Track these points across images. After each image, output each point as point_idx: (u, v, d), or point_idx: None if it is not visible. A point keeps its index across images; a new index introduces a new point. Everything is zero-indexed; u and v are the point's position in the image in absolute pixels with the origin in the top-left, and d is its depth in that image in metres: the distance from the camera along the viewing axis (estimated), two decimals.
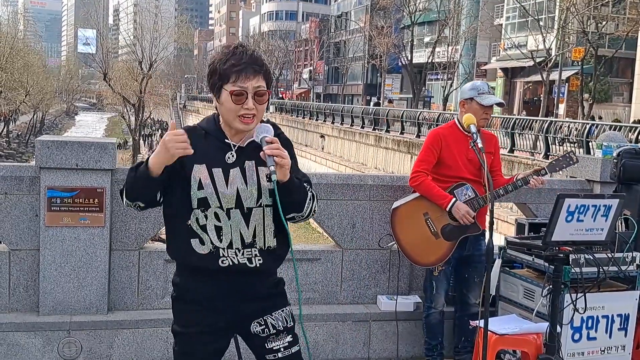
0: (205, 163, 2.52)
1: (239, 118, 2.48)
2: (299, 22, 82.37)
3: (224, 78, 2.46)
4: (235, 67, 2.45)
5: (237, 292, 2.60)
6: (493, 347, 3.88)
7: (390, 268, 4.97)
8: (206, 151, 2.53)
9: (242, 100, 2.45)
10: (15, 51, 50.57)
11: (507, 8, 41.07)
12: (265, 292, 2.66)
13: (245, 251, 2.56)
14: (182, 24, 66.20)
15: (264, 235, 2.58)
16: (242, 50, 2.49)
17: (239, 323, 2.66)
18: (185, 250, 2.58)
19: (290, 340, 2.67)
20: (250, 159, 2.55)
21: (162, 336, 4.50)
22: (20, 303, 4.41)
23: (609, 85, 35.44)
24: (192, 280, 2.61)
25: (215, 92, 2.51)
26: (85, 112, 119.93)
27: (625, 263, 4.19)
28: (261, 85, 2.49)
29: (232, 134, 2.56)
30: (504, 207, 14.53)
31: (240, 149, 2.56)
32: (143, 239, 4.55)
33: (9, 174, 4.31)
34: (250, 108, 2.46)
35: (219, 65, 2.48)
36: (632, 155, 4.76)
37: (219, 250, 2.54)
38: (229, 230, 2.54)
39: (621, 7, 32.59)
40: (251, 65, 2.46)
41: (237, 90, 2.45)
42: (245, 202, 2.54)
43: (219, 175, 2.52)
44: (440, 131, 4.55)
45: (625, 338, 4.34)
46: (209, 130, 2.58)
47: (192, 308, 2.63)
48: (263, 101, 2.50)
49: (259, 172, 2.55)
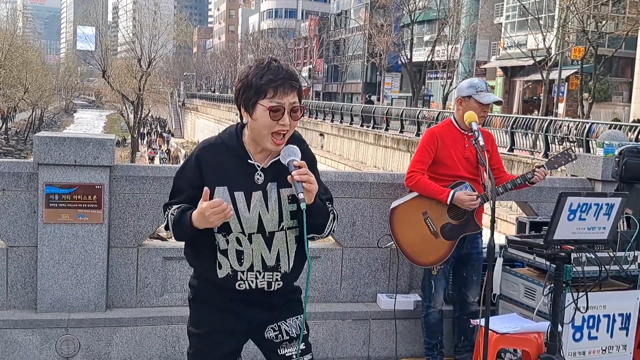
0: (227, 185, 2.46)
1: (272, 136, 2.41)
2: (298, 20, 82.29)
3: (260, 93, 2.37)
4: (273, 82, 2.37)
5: (254, 303, 2.60)
6: (494, 346, 3.87)
7: (391, 266, 4.95)
8: (228, 171, 2.48)
9: (278, 116, 2.37)
10: (14, 48, 50.55)
11: (507, 7, 41.04)
12: (282, 301, 2.65)
13: (266, 274, 2.54)
14: (181, 22, 66.18)
15: (288, 258, 2.56)
16: (277, 65, 2.41)
17: (254, 328, 2.65)
18: (204, 269, 2.57)
19: (303, 348, 2.66)
20: (273, 181, 2.50)
21: (161, 334, 4.47)
22: (18, 300, 4.38)
23: (608, 85, 35.43)
24: (210, 289, 2.60)
25: (249, 107, 2.41)
26: (83, 110, 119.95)
27: (627, 262, 4.17)
28: (296, 101, 2.42)
29: (255, 152, 2.50)
30: (503, 206, 14.52)
31: (263, 170, 2.50)
32: (141, 236, 4.53)
33: (7, 170, 4.28)
34: (286, 124, 2.39)
35: (255, 79, 2.38)
36: (634, 153, 4.74)
37: (237, 273, 2.52)
38: (250, 254, 2.51)
39: (621, 6, 32.55)
40: (288, 80, 2.39)
41: (274, 106, 2.37)
42: (267, 227, 2.50)
43: (240, 199, 2.47)
44: (436, 130, 4.52)
45: (627, 337, 4.32)
46: (231, 147, 2.50)
47: (209, 310, 2.62)
48: (297, 117, 2.43)
49: (280, 195, 2.50)
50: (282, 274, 2.55)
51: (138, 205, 4.48)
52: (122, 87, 50.03)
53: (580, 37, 30.98)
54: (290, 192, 2.48)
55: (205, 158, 2.49)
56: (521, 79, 40.30)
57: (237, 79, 2.50)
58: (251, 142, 2.49)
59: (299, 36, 77.91)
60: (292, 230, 2.54)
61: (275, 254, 2.53)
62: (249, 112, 2.42)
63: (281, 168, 2.44)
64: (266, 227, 2.50)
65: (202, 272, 2.61)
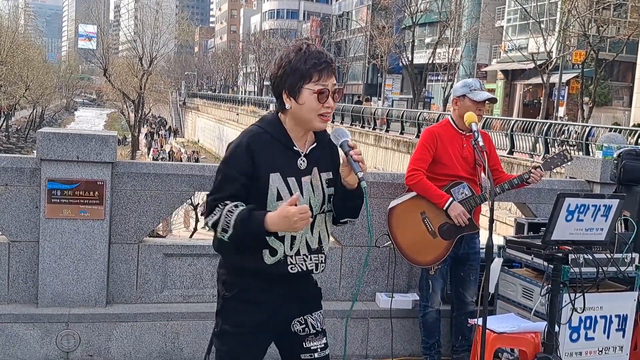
0: (279, 172, 2.50)
1: (319, 117, 2.48)
2: (300, 20, 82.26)
3: (305, 77, 2.44)
4: (318, 66, 2.44)
5: (292, 293, 2.63)
6: (491, 345, 3.88)
7: (390, 266, 4.98)
8: (276, 158, 2.51)
9: (324, 98, 2.45)
10: (16, 45, 50.54)
11: (508, 10, 41.05)
12: (312, 292, 2.73)
13: (312, 257, 2.60)
14: (183, 21, 66.24)
15: (327, 240, 2.65)
16: (316, 49, 2.47)
17: (283, 324, 2.67)
18: (248, 260, 2.55)
19: (325, 342, 2.71)
20: (314, 166, 2.57)
21: (160, 330, 4.50)
22: (19, 294, 4.41)
23: (609, 89, 35.43)
24: (253, 282, 2.58)
25: (295, 92, 2.46)
26: (84, 108, 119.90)
27: (625, 264, 4.19)
28: (336, 84, 2.50)
29: (296, 139, 2.55)
30: (502, 208, 14.53)
31: (306, 156, 2.57)
32: (142, 232, 4.55)
33: (10, 165, 4.31)
34: (331, 106, 2.48)
35: (299, 64, 2.43)
36: (632, 156, 4.76)
37: (287, 258, 2.55)
38: (299, 238, 2.56)
39: (622, 10, 32.59)
40: (330, 64, 2.47)
41: (321, 89, 2.44)
42: (315, 210, 2.56)
43: (293, 184, 2.51)
44: (435, 129, 4.54)
45: (623, 339, 4.34)
46: (274, 135, 2.53)
47: (247, 308, 2.60)
48: (338, 99, 2.53)
49: (321, 179, 2.57)
50: (325, 256, 2.65)
51: (139, 201, 4.51)
52: (123, 86, 50.05)
53: (582, 41, 30.99)
54: (327, 176, 2.57)
55: (255, 146, 2.50)
56: (522, 82, 40.30)
57: (274, 66, 2.52)
58: (292, 128, 2.54)
59: (300, 37, 77.88)
60: (329, 213, 2.63)
61: (317, 236, 2.60)
62: (294, 97, 2.46)
63: (320, 154, 2.55)
64: (314, 210, 2.55)
65: (245, 263, 2.56)
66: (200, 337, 4.54)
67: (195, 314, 4.55)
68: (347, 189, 2.51)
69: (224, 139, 57.55)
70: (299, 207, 2.35)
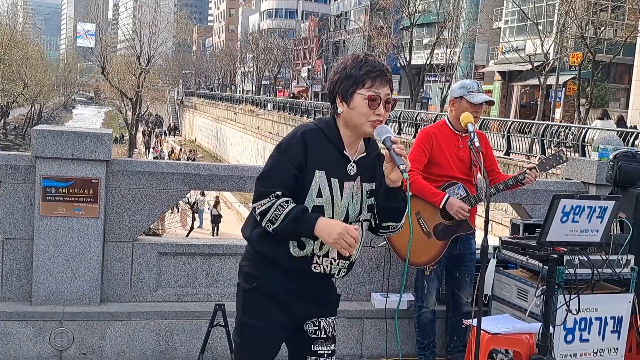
0: (325, 171, 2.54)
1: (369, 122, 2.51)
2: (298, 20, 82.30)
3: (358, 83, 2.50)
4: (371, 73, 2.50)
5: (311, 294, 2.66)
6: (485, 346, 3.88)
7: (385, 266, 4.97)
8: (325, 158, 2.56)
9: (375, 105, 2.50)
10: (14, 43, 50.47)
11: (506, 12, 41.09)
12: (332, 297, 2.75)
13: (340, 262, 2.63)
14: (181, 20, 66.22)
15: (358, 249, 2.65)
16: (373, 59, 2.55)
17: (299, 321, 2.69)
18: (281, 252, 2.57)
19: (333, 349, 2.73)
20: (359, 174, 2.61)
21: (154, 328, 4.49)
22: (13, 292, 4.40)
23: (606, 91, 35.46)
24: (276, 275, 2.61)
25: (347, 96, 2.52)
26: (82, 106, 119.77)
27: (620, 265, 4.19)
28: (390, 93, 2.55)
29: (348, 144, 2.60)
30: (498, 208, 14.54)
31: (355, 163, 2.61)
32: (137, 231, 4.54)
33: (5, 162, 4.30)
34: (382, 114, 2.52)
35: (354, 70, 2.52)
36: (628, 158, 4.76)
37: (314, 256, 2.58)
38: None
39: (620, 12, 32.61)
40: (384, 73, 2.53)
41: (372, 95, 2.50)
42: (351, 216, 2.59)
43: (336, 185, 2.56)
44: (431, 130, 4.53)
45: (618, 341, 4.34)
46: (329, 136, 2.59)
47: (268, 302, 2.63)
48: (389, 109, 2.57)
49: (363, 188, 2.61)
50: (350, 263, 2.67)
51: (134, 200, 4.50)
52: (121, 84, 49.99)
53: (579, 43, 30.99)
54: (370, 187, 2.61)
55: (310, 141, 2.55)
56: (519, 84, 40.34)
57: (332, 73, 2.61)
58: (344, 133, 2.59)
59: (298, 36, 77.89)
60: (366, 222, 2.67)
61: None
62: (346, 102, 2.53)
63: (366, 164, 2.61)
64: (350, 216, 2.59)
65: (272, 255, 2.59)
66: (194, 336, 4.52)
67: (189, 313, 4.54)
68: (390, 187, 2.54)
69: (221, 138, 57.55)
70: (354, 231, 2.41)
